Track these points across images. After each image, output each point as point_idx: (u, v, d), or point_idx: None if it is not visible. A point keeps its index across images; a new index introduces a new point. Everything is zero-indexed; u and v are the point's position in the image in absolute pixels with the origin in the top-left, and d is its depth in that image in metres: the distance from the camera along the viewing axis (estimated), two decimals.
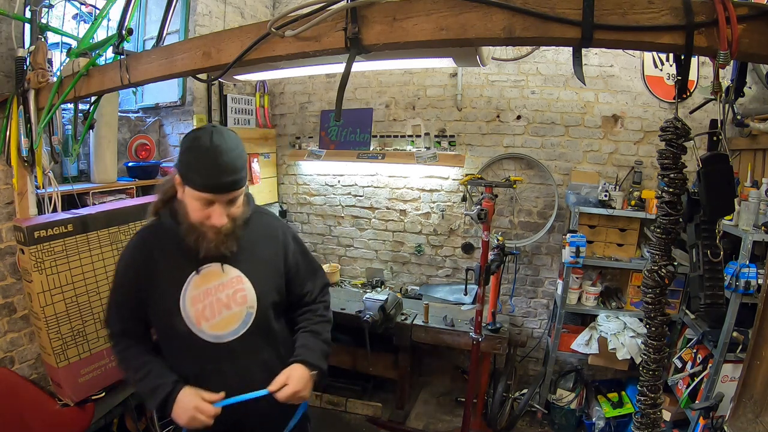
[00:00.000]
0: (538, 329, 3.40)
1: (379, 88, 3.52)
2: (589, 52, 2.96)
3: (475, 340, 2.62)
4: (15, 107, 1.91)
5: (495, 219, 2.97)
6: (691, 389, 2.40)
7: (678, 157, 1.03)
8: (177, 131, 3.07)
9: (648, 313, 1.11)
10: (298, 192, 3.89)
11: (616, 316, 2.84)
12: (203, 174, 1.17)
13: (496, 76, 3.21)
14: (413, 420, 3.09)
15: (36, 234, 1.79)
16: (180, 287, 1.27)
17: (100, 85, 1.78)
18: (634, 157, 2.99)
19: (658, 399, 1.16)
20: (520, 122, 3.20)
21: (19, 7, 1.99)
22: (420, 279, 3.62)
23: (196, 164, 1.17)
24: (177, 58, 1.51)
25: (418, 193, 3.50)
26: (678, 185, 1.03)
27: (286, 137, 3.86)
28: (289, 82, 3.78)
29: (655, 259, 1.08)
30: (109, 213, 2.06)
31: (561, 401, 2.98)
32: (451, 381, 3.52)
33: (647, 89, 2.94)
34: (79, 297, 1.93)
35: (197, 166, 1.17)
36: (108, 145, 2.49)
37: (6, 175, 2.01)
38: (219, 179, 1.17)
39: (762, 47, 0.89)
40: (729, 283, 2.11)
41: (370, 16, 1.14)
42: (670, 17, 0.91)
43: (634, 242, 2.88)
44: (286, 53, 1.28)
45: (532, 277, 3.35)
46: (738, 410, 1.60)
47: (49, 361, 1.91)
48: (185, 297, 1.27)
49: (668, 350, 2.14)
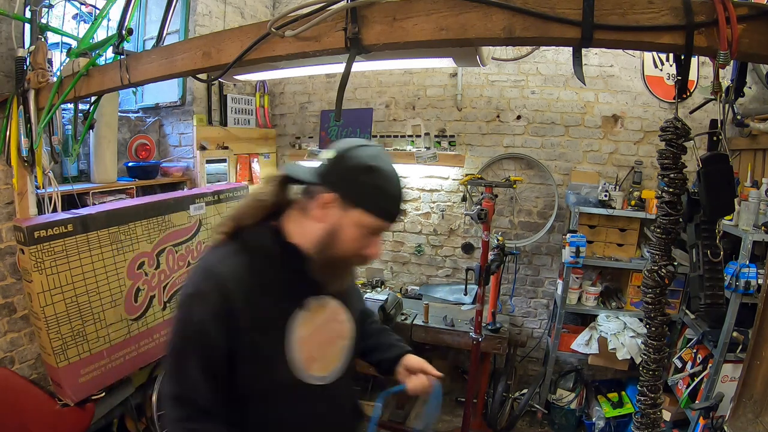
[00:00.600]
0: (538, 329, 3.40)
1: (379, 88, 3.52)
2: (589, 52, 2.96)
3: (475, 340, 2.62)
4: (15, 107, 1.91)
5: (495, 219, 2.97)
6: (691, 389, 2.40)
7: (678, 157, 1.03)
8: (177, 131, 3.07)
9: (648, 313, 1.11)
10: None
11: (616, 316, 2.84)
12: (391, 201, 0.99)
13: (496, 76, 3.21)
14: (413, 420, 3.09)
15: (36, 234, 1.78)
16: (283, 329, 1.00)
17: (100, 85, 1.78)
18: (634, 157, 2.99)
19: (658, 399, 1.16)
20: (520, 122, 3.20)
21: (19, 7, 1.99)
22: (420, 279, 3.62)
23: (384, 189, 0.98)
24: (177, 58, 1.51)
25: (418, 193, 3.50)
26: (678, 185, 1.03)
27: (286, 137, 3.86)
28: (289, 82, 3.78)
29: (655, 259, 1.08)
30: (109, 213, 2.06)
31: (561, 401, 2.98)
32: (451, 381, 3.52)
33: (647, 89, 2.94)
34: (79, 297, 1.93)
35: (385, 190, 0.98)
36: (108, 145, 2.49)
37: (6, 175, 2.01)
38: (400, 207, 1.02)
39: (762, 47, 0.89)
40: (729, 283, 2.11)
41: (370, 16, 1.14)
42: (670, 17, 0.91)
43: (634, 242, 2.88)
44: (286, 53, 1.28)
45: (532, 277, 3.35)
46: (738, 410, 1.60)
47: (49, 361, 1.91)
48: (292, 339, 1.01)
49: (668, 350, 2.14)
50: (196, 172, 2.98)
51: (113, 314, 2.07)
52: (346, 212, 0.97)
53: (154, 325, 2.27)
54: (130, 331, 2.15)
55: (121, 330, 2.11)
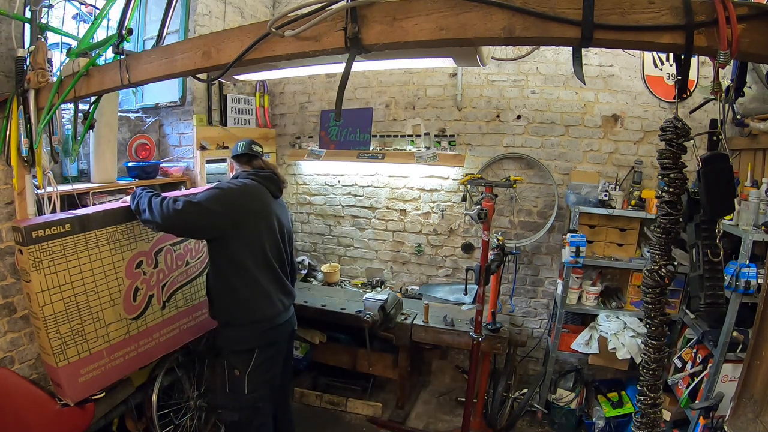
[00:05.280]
0: (538, 329, 3.40)
1: (379, 87, 3.52)
2: (589, 52, 2.96)
3: (475, 339, 2.62)
4: (15, 107, 1.91)
5: (495, 219, 2.97)
6: (691, 389, 2.40)
7: (678, 157, 1.03)
8: (177, 131, 3.07)
9: (648, 312, 1.12)
10: (298, 192, 3.89)
11: (616, 316, 2.84)
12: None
13: (496, 75, 3.21)
14: (413, 420, 3.10)
15: (34, 234, 1.78)
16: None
17: (100, 85, 1.78)
18: (634, 157, 2.99)
19: (658, 399, 1.16)
20: (520, 122, 3.20)
21: (19, 7, 1.99)
22: (420, 279, 3.62)
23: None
24: (177, 58, 1.51)
25: (418, 193, 3.50)
26: (678, 185, 1.03)
27: (286, 137, 3.87)
28: (289, 82, 3.78)
29: (655, 259, 1.08)
30: (107, 213, 2.06)
31: (561, 401, 2.98)
32: (451, 381, 3.52)
33: (647, 89, 2.94)
34: (77, 297, 1.93)
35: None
36: (108, 145, 2.48)
37: (6, 175, 2.01)
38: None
39: (762, 47, 0.89)
40: (729, 283, 2.11)
41: (370, 16, 1.14)
42: (670, 17, 0.91)
43: (634, 242, 2.88)
44: (286, 53, 1.28)
45: (532, 277, 3.35)
46: (738, 410, 1.60)
47: (49, 361, 1.91)
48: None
49: (668, 350, 2.14)
50: (196, 172, 2.98)
51: (112, 314, 2.07)
52: None
53: (154, 324, 2.27)
54: (130, 331, 2.15)
55: (120, 329, 2.11)
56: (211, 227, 1.96)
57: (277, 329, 2.11)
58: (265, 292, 2.06)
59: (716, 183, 1.03)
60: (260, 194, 2.08)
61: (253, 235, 2.03)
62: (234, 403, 2.04)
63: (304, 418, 2.96)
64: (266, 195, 2.11)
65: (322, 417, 3.10)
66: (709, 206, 1.04)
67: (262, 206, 2.08)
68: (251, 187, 2.07)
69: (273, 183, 2.16)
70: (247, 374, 2.00)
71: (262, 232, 2.06)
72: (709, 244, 1.07)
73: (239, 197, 2.00)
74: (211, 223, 1.93)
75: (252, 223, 2.03)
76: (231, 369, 2.03)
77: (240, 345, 2.03)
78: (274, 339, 2.10)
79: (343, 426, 3.04)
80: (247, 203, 2.02)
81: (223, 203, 1.95)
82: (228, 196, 1.97)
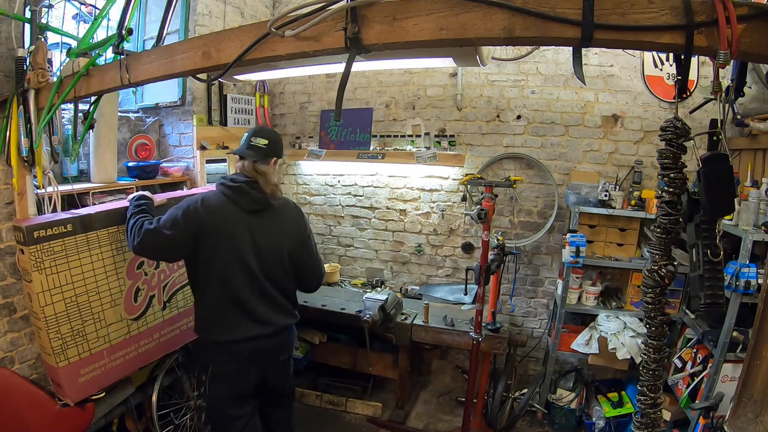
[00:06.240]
0: (538, 329, 3.40)
1: (379, 87, 3.52)
2: (589, 52, 2.96)
3: (475, 339, 2.62)
4: (15, 107, 1.91)
5: (495, 219, 2.97)
6: (691, 389, 2.40)
7: (678, 157, 1.03)
8: (177, 131, 3.07)
9: (648, 312, 1.12)
10: (298, 192, 3.89)
11: (616, 316, 2.84)
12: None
13: (496, 75, 3.21)
14: (413, 420, 3.10)
15: (35, 234, 1.78)
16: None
17: (100, 85, 1.78)
18: (634, 157, 2.99)
19: (658, 399, 1.16)
20: (520, 122, 3.20)
21: (19, 7, 1.99)
22: (420, 279, 3.62)
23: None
24: (177, 58, 1.51)
25: (418, 193, 3.50)
26: (678, 185, 1.03)
27: (286, 137, 3.86)
28: (289, 82, 3.78)
29: (655, 259, 1.08)
30: (108, 213, 2.06)
31: (561, 401, 2.98)
32: (451, 381, 3.52)
33: (647, 89, 2.94)
34: (78, 297, 1.93)
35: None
36: (108, 145, 2.49)
37: (6, 175, 2.01)
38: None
39: (762, 47, 0.89)
40: (729, 283, 2.11)
41: (370, 16, 1.14)
42: (670, 17, 0.91)
43: (634, 242, 2.88)
44: (286, 53, 1.28)
45: (532, 277, 3.35)
46: (738, 410, 1.60)
47: (49, 361, 1.91)
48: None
49: (668, 350, 2.14)
50: (196, 172, 2.98)
51: (113, 314, 2.07)
52: None
53: (154, 324, 2.27)
54: (130, 331, 2.15)
55: (120, 330, 2.11)
56: (176, 252, 1.85)
57: (232, 353, 1.87)
58: (219, 316, 1.86)
59: (716, 183, 1.03)
60: (221, 211, 1.82)
61: (210, 256, 1.81)
62: (207, 409, 2.01)
63: (304, 418, 2.95)
64: (231, 210, 1.83)
65: (322, 417, 3.10)
66: (709, 206, 1.04)
67: (223, 223, 1.81)
68: (209, 203, 1.82)
69: (243, 195, 1.84)
70: (207, 382, 1.93)
71: (218, 254, 1.81)
72: (709, 244, 1.07)
73: (194, 217, 1.79)
74: (172, 247, 1.81)
75: (210, 242, 1.80)
76: (200, 372, 2.02)
77: (197, 351, 2.01)
78: (229, 359, 1.88)
79: (343, 426, 3.04)
80: (203, 222, 1.79)
81: (178, 227, 1.77)
82: (183, 218, 1.78)
